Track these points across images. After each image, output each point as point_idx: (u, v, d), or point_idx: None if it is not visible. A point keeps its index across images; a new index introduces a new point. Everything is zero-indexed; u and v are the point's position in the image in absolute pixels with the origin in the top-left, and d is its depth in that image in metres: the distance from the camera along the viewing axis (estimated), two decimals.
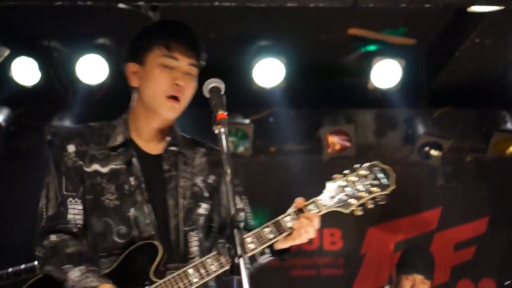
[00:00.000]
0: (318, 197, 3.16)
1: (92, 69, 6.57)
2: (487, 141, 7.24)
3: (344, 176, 3.20)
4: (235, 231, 2.52)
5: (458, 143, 7.27)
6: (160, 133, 3.26)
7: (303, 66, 6.94)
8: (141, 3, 5.47)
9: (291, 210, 3.14)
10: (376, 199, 3.17)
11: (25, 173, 6.41)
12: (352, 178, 3.18)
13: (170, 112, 3.18)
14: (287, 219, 3.11)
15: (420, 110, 7.31)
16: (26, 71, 6.67)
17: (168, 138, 3.26)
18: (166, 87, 3.14)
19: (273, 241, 3.09)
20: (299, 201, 3.14)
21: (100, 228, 3.12)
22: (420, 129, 7.06)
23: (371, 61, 6.78)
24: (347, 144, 7.08)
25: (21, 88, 6.76)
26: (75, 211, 3.14)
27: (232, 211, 2.57)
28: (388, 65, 6.77)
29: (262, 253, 3.19)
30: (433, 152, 7.07)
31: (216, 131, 2.79)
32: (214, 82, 2.94)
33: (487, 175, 7.45)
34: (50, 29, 6.60)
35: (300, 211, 3.12)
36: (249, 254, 3.07)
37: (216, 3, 5.20)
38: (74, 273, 2.97)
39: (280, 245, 3.14)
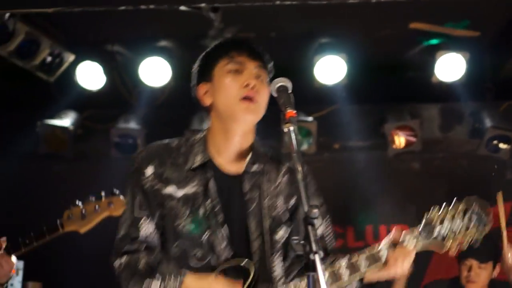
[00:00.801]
0: (416, 228, 3.17)
1: (155, 71, 6.63)
2: None
3: (441, 212, 3.21)
4: (309, 227, 2.50)
5: None
6: (240, 150, 3.17)
7: (365, 62, 6.89)
8: (202, 5, 5.51)
9: (386, 241, 3.15)
10: (470, 241, 3.22)
11: (93, 174, 6.53)
12: (449, 215, 3.20)
13: (247, 113, 3.08)
14: (382, 249, 3.12)
15: (486, 103, 7.17)
16: (91, 75, 6.78)
17: (249, 156, 3.17)
18: (237, 90, 3.07)
19: (367, 269, 3.09)
20: (395, 235, 3.14)
21: (176, 252, 3.09)
22: (487, 122, 6.94)
23: (435, 55, 6.70)
24: (413, 139, 7.03)
25: (87, 92, 6.88)
26: (147, 232, 3.10)
27: (306, 208, 2.54)
28: (452, 58, 6.68)
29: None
30: (502, 146, 6.94)
31: (286, 130, 2.75)
32: (281, 81, 2.92)
33: None
34: (113, 33, 6.70)
35: (395, 244, 3.13)
36: (345, 285, 3.07)
37: (278, 2, 5.20)
38: (156, 284, 3.01)
39: (370, 277, 3.14)
